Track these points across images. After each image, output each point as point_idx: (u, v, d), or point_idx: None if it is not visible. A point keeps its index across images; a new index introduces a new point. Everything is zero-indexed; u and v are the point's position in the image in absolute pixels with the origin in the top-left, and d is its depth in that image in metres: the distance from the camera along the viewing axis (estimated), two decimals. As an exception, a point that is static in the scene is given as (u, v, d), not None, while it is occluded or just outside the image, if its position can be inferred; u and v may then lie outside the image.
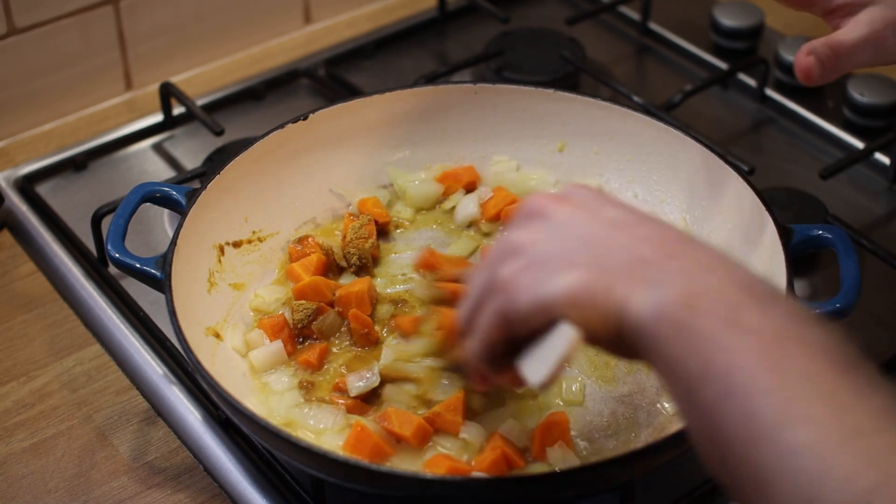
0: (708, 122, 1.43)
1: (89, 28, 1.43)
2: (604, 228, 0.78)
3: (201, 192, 1.11)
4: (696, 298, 0.71)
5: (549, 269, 0.76)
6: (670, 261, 0.74)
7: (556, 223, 0.79)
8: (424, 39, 1.58)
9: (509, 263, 0.79)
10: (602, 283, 0.74)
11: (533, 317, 0.77)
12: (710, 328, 0.69)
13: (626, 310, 0.73)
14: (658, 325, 0.71)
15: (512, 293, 0.78)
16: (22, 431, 1.10)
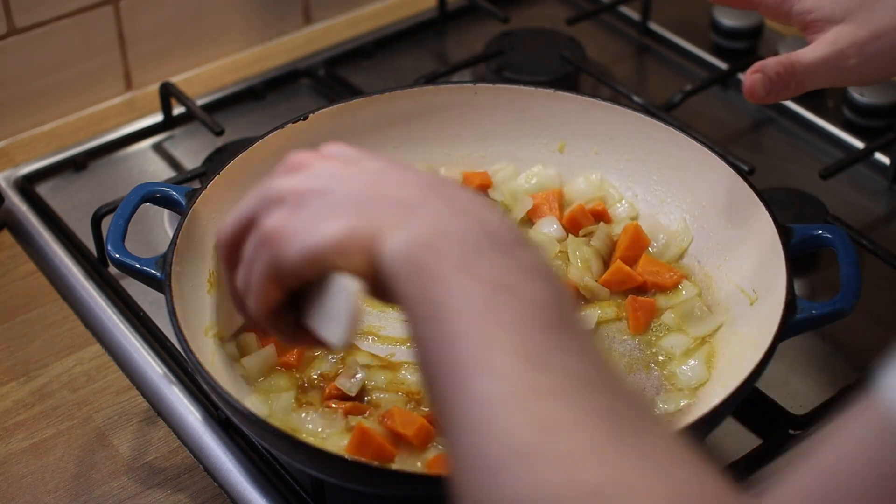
0: (708, 122, 1.43)
1: (89, 28, 1.43)
2: (366, 177, 0.78)
3: (201, 192, 1.11)
4: (439, 239, 0.71)
5: (314, 218, 0.76)
6: (426, 203, 0.74)
7: (316, 174, 0.79)
8: (424, 39, 1.58)
9: (274, 213, 0.78)
10: (365, 229, 0.74)
11: (303, 268, 0.77)
12: (444, 270, 0.70)
13: (382, 252, 0.73)
14: (401, 265, 0.72)
15: (279, 244, 0.77)
16: (22, 431, 1.10)
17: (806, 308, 1.00)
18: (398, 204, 0.75)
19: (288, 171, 0.81)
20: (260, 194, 0.81)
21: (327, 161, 0.81)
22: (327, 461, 0.91)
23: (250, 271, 0.81)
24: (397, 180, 0.77)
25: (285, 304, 0.81)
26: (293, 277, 0.78)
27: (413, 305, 0.71)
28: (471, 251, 0.71)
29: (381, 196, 0.76)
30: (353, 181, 0.78)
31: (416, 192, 0.76)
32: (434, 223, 0.73)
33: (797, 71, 0.98)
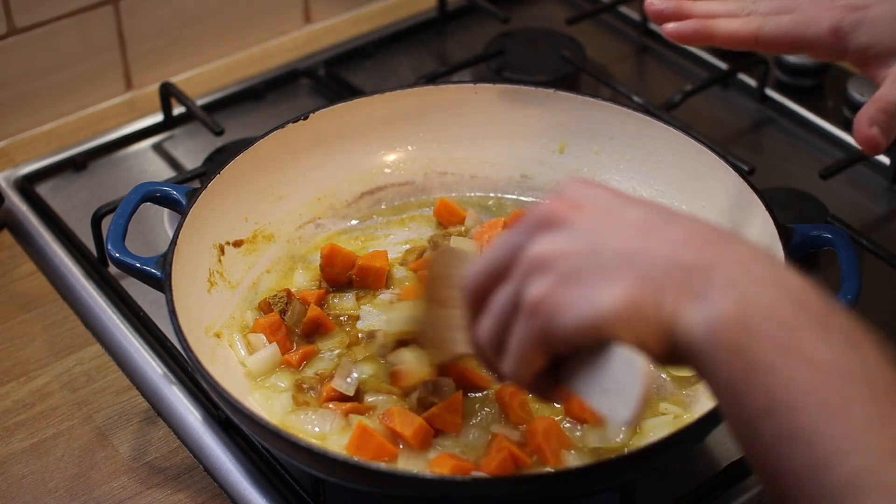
0: (708, 122, 1.43)
1: (89, 28, 1.43)
2: (634, 234, 0.73)
3: (201, 191, 1.11)
4: (750, 318, 0.67)
5: (588, 286, 0.71)
6: (714, 268, 0.70)
7: (578, 231, 0.74)
8: (424, 39, 1.58)
9: (538, 280, 0.73)
10: (649, 297, 0.70)
11: (578, 338, 0.72)
12: (769, 356, 0.66)
13: (677, 326, 0.69)
14: (713, 347, 0.68)
15: (550, 314, 0.73)
16: (22, 431, 1.10)
17: (806, 308, 1.00)
18: (680, 269, 0.70)
19: (542, 227, 0.75)
20: (509, 251, 0.76)
21: (583, 213, 0.75)
22: (327, 461, 0.91)
23: (505, 335, 0.77)
24: (670, 236, 0.72)
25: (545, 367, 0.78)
26: (564, 347, 0.74)
27: (736, 395, 0.67)
28: (789, 329, 0.67)
29: (657, 257, 0.71)
30: (620, 237, 0.73)
31: (698, 255, 0.71)
32: (737, 297, 0.68)
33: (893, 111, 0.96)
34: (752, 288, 0.69)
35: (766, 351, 0.66)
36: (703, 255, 0.71)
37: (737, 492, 1.02)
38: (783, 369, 0.66)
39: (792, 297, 0.69)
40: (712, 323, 0.68)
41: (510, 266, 0.76)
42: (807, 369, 0.66)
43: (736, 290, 0.69)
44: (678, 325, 0.69)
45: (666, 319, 0.70)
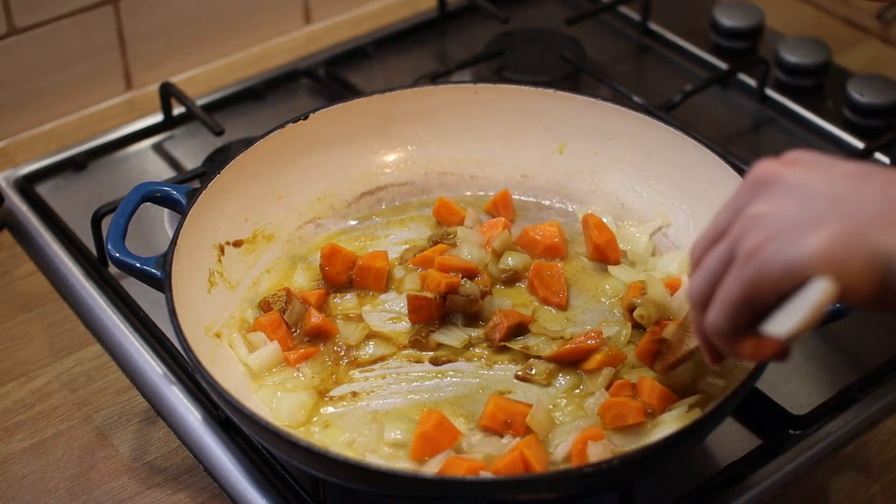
0: (708, 122, 1.43)
1: (89, 28, 1.43)
2: (843, 181, 0.75)
3: (201, 191, 1.11)
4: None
5: (796, 232, 0.73)
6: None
7: (791, 186, 0.77)
8: (424, 39, 1.58)
9: (752, 235, 0.76)
10: (858, 234, 0.71)
11: (785, 281, 0.74)
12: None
13: (889, 256, 0.70)
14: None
15: (761, 262, 0.75)
16: (22, 431, 1.10)
17: (806, 308, 1.00)
18: (891, 203, 0.71)
19: (758, 188, 0.78)
20: (730, 214, 0.79)
21: (796, 168, 0.78)
22: (327, 461, 0.91)
23: (713, 287, 0.79)
24: (878, 179, 0.74)
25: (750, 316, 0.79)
26: (772, 292, 0.76)
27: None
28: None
29: (868, 198, 0.73)
30: (832, 186, 0.75)
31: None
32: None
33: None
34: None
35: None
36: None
37: (737, 492, 1.02)
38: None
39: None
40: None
41: (729, 227, 0.79)
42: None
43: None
44: (890, 255, 0.70)
45: (877, 253, 0.71)
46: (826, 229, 0.72)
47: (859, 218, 0.72)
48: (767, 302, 0.77)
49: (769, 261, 0.74)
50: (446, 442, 0.98)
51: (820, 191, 0.75)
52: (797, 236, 0.73)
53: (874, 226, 0.71)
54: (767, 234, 0.75)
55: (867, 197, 0.73)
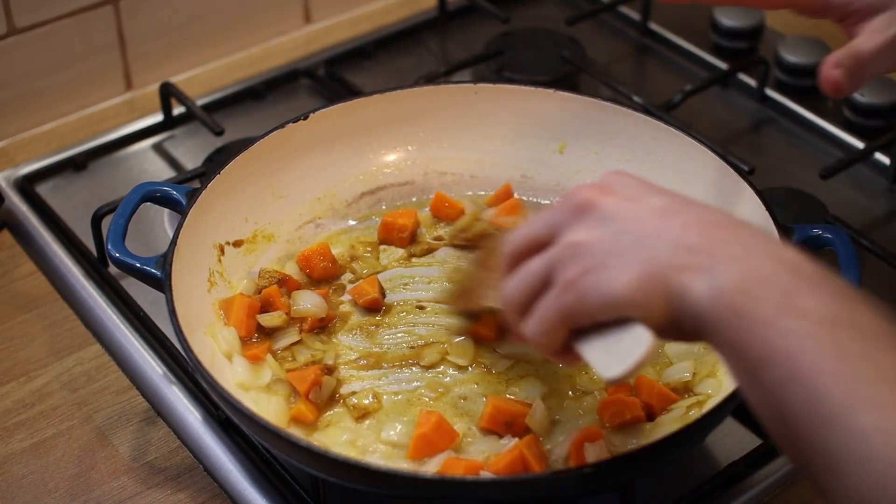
0: (708, 122, 1.43)
1: (89, 28, 1.43)
2: (651, 219, 0.81)
3: (201, 191, 1.11)
4: (751, 283, 0.74)
5: (610, 269, 0.80)
6: (719, 246, 0.77)
7: (606, 217, 0.82)
8: (424, 39, 1.58)
9: (570, 266, 0.82)
10: (659, 277, 0.78)
11: (600, 314, 0.81)
12: (768, 313, 0.72)
13: (684, 299, 0.77)
14: (717, 312, 0.74)
15: (578, 295, 0.81)
16: (22, 431, 1.10)
17: (806, 308, 1.00)
18: (688, 250, 0.78)
19: (577, 212, 0.84)
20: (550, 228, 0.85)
21: (612, 197, 0.83)
22: (327, 461, 0.91)
23: (532, 300, 0.85)
24: (683, 222, 0.80)
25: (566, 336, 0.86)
26: (587, 320, 0.83)
27: (739, 351, 0.74)
28: (785, 291, 0.73)
29: (669, 239, 0.79)
30: (639, 222, 0.81)
31: (705, 236, 0.78)
32: (739, 267, 0.75)
33: (865, 60, 0.99)
34: (752, 261, 0.76)
35: (765, 310, 0.72)
36: (708, 236, 0.78)
37: (737, 492, 1.02)
38: (780, 323, 0.72)
39: (788, 266, 0.75)
40: (716, 291, 0.75)
41: (547, 241, 0.85)
42: (801, 321, 0.71)
43: (737, 263, 0.75)
44: (685, 298, 0.77)
45: (674, 294, 0.77)
46: (632, 270, 0.79)
47: (658, 261, 0.78)
48: (584, 326, 0.84)
49: (585, 294, 0.81)
50: (444, 443, 0.99)
51: (630, 228, 0.81)
52: (609, 275, 0.80)
53: (672, 269, 0.77)
54: (583, 267, 0.81)
55: (666, 239, 0.79)
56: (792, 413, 0.70)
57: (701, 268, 0.76)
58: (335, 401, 1.05)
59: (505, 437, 1.00)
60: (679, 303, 0.77)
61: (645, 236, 0.80)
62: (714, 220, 0.80)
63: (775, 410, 0.72)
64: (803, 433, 0.70)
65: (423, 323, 1.11)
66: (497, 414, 1.01)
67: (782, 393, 0.71)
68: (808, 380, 0.69)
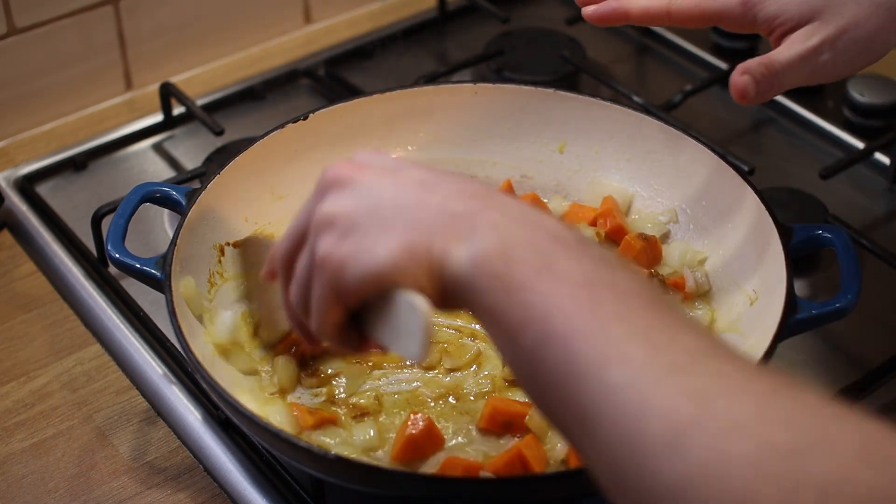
0: (708, 122, 1.43)
1: (89, 28, 1.43)
2: (411, 190, 0.79)
3: (201, 191, 1.11)
4: (510, 249, 0.73)
5: (368, 240, 0.77)
6: (481, 214, 0.76)
7: (363, 190, 0.79)
8: (424, 39, 1.58)
9: (325, 237, 0.79)
10: (421, 244, 0.76)
11: (363, 290, 0.78)
12: (525, 276, 0.72)
13: (445, 266, 0.75)
14: (476, 278, 0.73)
15: (336, 269, 0.78)
16: (22, 431, 1.10)
17: (806, 308, 1.00)
18: (451, 216, 0.76)
19: (330, 190, 0.81)
20: (306, 216, 0.81)
21: (367, 173, 0.80)
22: (327, 461, 0.91)
23: (308, 294, 0.82)
24: (444, 192, 0.78)
25: (347, 321, 0.82)
26: (354, 298, 0.79)
27: (498, 315, 0.72)
28: (543, 255, 0.73)
29: (430, 208, 0.77)
30: (399, 195, 0.79)
31: (466, 203, 0.77)
32: (498, 234, 0.74)
33: (777, 70, 0.99)
34: (512, 227, 0.75)
35: (523, 273, 0.72)
36: (469, 205, 0.77)
37: (737, 492, 1.02)
38: (537, 285, 0.71)
39: (549, 233, 0.75)
40: (474, 257, 0.74)
41: (307, 231, 0.82)
42: (559, 283, 0.71)
43: (497, 229, 0.75)
44: (446, 265, 0.75)
45: (436, 261, 0.75)
46: (394, 239, 0.77)
47: (422, 230, 0.76)
48: (353, 304, 0.80)
49: (344, 266, 0.78)
50: (431, 448, 0.99)
51: (387, 198, 0.78)
52: (369, 245, 0.77)
53: (434, 236, 0.76)
54: (338, 237, 0.78)
55: (429, 208, 0.77)
56: (547, 373, 0.70)
57: (462, 235, 0.75)
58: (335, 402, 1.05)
59: (504, 437, 1.00)
60: (441, 270, 0.75)
61: (405, 206, 0.78)
62: (474, 190, 0.78)
63: (532, 373, 0.71)
64: (558, 393, 0.69)
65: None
66: (496, 415, 1.01)
67: (538, 354, 0.70)
68: (562, 339, 0.69)
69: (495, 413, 1.01)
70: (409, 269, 0.76)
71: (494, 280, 0.73)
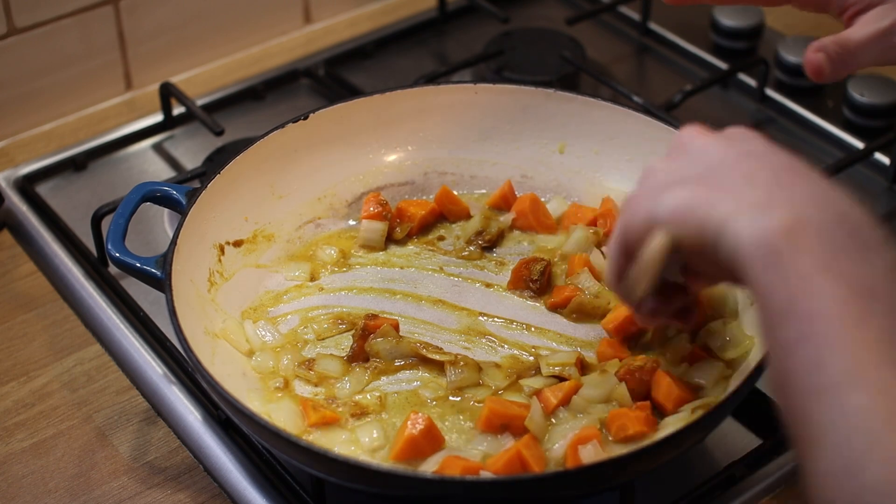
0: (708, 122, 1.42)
1: (89, 28, 1.43)
2: (734, 157, 0.79)
3: (201, 191, 1.11)
4: (798, 231, 0.71)
5: (664, 188, 0.80)
6: (781, 188, 0.74)
7: (692, 151, 0.82)
8: (424, 39, 1.58)
9: (638, 186, 0.84)
10: (704, 200, 0.76)
11: (644, 232, 0.81)
12: (805, 266, 0.69)
13: (727, 228, 0.74)
14: (756, 250, 0.72)
15: (630, 210, 0.83)
16: (22, 431, 1.10)
17: (806, 308, 1.00)
18: (748, 183, 0.75)
19: (671, 152, 0.84)
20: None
21: (709, 138, 0.83)
22: (327, 461, 0.91)
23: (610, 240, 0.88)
24: (761, 162, 0.78)
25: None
26: (639, 245, 0.83)
27: (766, 297, 0.71)
28: (833, 247, 0.70)
29: (734, 172, 0.77)
30: (720, 159, 0.80)
31: (771, 176, 0.76)
32: (792, 212, 0.72)
33: (850, 49, 1.01)
34: (809, 209, 0.72)
35: (805, 262, 0.70)
36: (775, 178, 0.75)
37: (736, 492, 1.02)
38: (815, 279, 0.69)
39: (847, 224, 0.72)
40: (761, 229, 0.72)
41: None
42: (836, 285, 0.68)
43: (794, 208, 0.72)
44: (727, 228, 0.74)
45: (716, 222, 0.75)
46: (685, 191, 0.78)
47: (713, 188, 0.77)
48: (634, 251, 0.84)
49: (636, 210, 0.83)
50: (431, 448, 0.98)
51: (707, 161, 0.80)
52: (663, 192, 0.80)
53: (724, 198, 0.75)
54: (646, 188, 0.83)
55: (733, 172, 0.77)
56: (793, 374, 0.68)
57: (754, 204, 0.74)
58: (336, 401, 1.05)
59: (504, 437, 1.00)
60: (718, 231, 0.74)
61: (715, 167, 0.79)
62: (794, 167, 0.77)
63: (781, 367, 0.70)
64: (798, 398, 0.68)
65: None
66: (494, 417, 1.00)
67: (791, 351, 0.68)
68: (817, 344, 0.67)
69: (493, 415, 1.00)
70: (687, 221, 0.77)
71: (773, 259, 0.71)
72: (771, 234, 0.71)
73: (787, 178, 0.76)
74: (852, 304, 0.68)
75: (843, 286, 0.68)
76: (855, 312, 0.67)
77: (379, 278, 1.16)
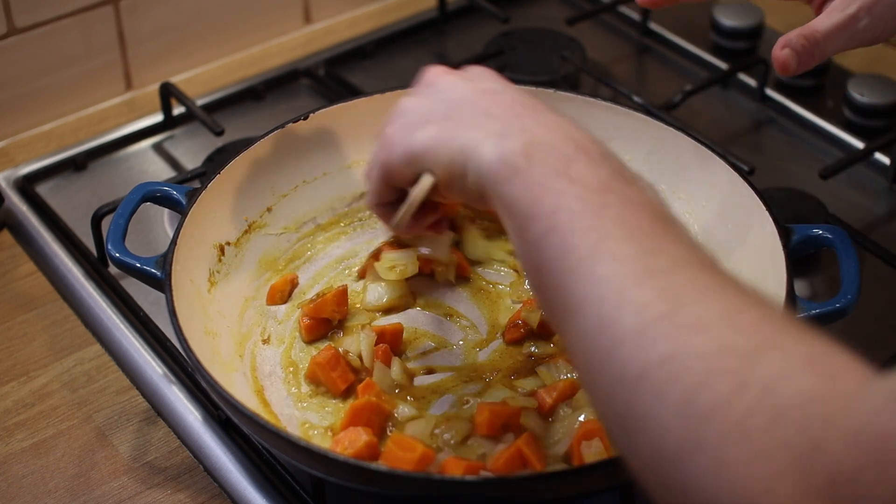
0: (708, 122, 1.43)
1: (89, 28, 1.43)
2: (474, 94, 0.89)
3: (202, 191, 1.11)
4: (534, 149, 0.81)
5: (416, 126, 0.89)
6: (516, 119, 0.84)
7: (437, 90, 0.91)
8: (424, 39, 1.58)
9: (392, 123, 0.92)
10: (450, 134, 0.86)
11: (405, 167, 0.90)
12: (543, 174, 0.79)
13: (472, 155, 0.84)
14: (499, 170, 0.81)
15: (389, 147, 0.91)
16: (22, 431, 1.10)
17: (806, 308, 1.00)
18: (487, 116, 0.85)
19: (417, 89, 0.93)
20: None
21: (453, 77, 0.92)
22: (327, 461, 0.91)
23: (370, 171, 0.95)
24: (497, 98, 0.87)
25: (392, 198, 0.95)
26: (399, 176, 0.91)
27: (512, 206, 0.80)
28: (566, 158, 0.80)
29: (474, 107, 0.87)
30: (462, 96, 0.89)
31: (508, 110, 0.86)
32: (527, 135, 0.82)
33: (818, 40, 1.03)
34: (541, 132, 0.83)
35: (541, 172, 0.80)
36: (511, 111, 0.86)
37: (737, 492, 1.02)
38: (553, 184, 0.78)
39: (574, 142, 0.82)
40: (500, 152, 0.82)
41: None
42: (573, 185, 0.78)
43: (528, 132, 0.83)
44: (472, 157, 0.84)
45: (463, 152, 0.85)
46: (434, 127, 0.88)
47: (459, 122, 0.86)
48: (401, 185, 0.93)
49: (393, 148, 0.90)
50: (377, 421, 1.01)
51: (451, 98, 0.89)
52: (415, 129, 0.89)
53: (470, 130, 0.85)
54: (399, 124, 0.91)
55: (476, 108, 0.87)
56: (545, 262, 0.76)
57: (493, 133, 0.83)
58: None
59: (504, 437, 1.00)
60: (466, 160, 0.84)
61: (460, 105, 0.88)
62: (525, 102, 0.87)
63: (533, 261, 0.78)
64: (553, 282, 0.76)
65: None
66: (494, 419, 1.00)
67: (541, 244, 0.77)
68: (563, 233, 0.76)
69: (493, 418, 1.00)
70: (439, 154, 0.87)
71: (514, 174, 0.80)
72: (510, 154, 0.81)
73: (520, 110, 0.85)
74: (588, 198, 0.77)
75: (579, 185, 0.78)
76: (592, 204, 0.76)
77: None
